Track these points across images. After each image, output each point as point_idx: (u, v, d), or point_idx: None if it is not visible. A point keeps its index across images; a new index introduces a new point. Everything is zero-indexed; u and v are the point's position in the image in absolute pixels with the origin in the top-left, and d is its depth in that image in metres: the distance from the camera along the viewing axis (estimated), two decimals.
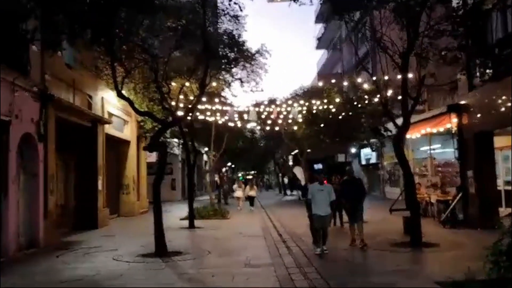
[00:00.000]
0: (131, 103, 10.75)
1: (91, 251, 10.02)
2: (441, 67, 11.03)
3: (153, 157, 24.29)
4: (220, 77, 17.68)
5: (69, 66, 8.99)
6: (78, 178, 14.97)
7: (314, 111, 14.38)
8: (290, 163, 51.05)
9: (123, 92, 12.11)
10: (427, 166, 22.51)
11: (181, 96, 16.48)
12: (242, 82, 21.49)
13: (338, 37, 38.52)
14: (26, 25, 9.63)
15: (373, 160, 29.73)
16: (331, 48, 40.17)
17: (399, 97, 13.26)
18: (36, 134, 10.62)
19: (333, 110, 14.02)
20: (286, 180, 44.92)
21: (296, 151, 40.53)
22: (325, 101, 15.75)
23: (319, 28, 45.47)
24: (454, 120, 12.87)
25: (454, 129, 12.99)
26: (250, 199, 22.84)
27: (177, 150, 31.42)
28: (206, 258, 8.99)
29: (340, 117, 13.84)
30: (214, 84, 15.99)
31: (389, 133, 13.83)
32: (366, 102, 13.71)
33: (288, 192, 43.02)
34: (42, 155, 10.97)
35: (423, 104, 16.53)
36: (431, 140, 22.28)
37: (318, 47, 44.11)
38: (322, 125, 14.09)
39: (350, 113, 13.79)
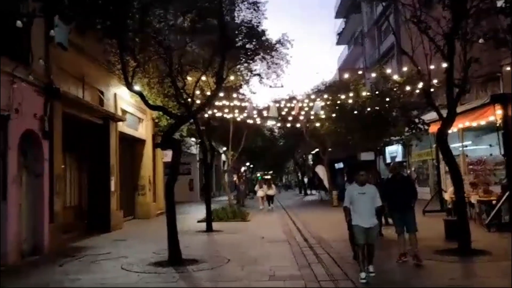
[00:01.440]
0: (142, 96, 9.83)
1: (99, 259, 9.11)
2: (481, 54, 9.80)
3: (169, 156, 23.35)
4: (238, 72, 16.72)
5: (62, 46, 8.05)
6: (90, 178, 14.17)
7: (341, 105, 13.19)
8: (310, 162, 49.93)
9: (136, 87, 11.32)
10: (458, 164, 21.02)
11: (197, 92, 15.61)
12: (261, 77, 20.61)
13: (360, 31, 37.23)
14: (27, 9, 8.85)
15: (399, 158, 28.32)
16: (353, 43, 38.85)
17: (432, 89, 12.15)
18: (40, 131, 9.78)
19: (362, 103, 12.83)
20: (306, 179, 43.69)
21: (317, 149, 39.51)
22: (351, 94, 14.58)
23: (339, 24, 44.30)
24: (499, 112, 11.58)
25: (499, 122, 11.70)
26: (269, 198, 23.27)
27: (194, 150, 30.60)
28: (225, 267, 7.97)
29: (369, 109, 12.61)
30: (232, 78, 14.97)
31: (426, 127, 12.59)
32: (399, 93, 12.50)
33: (308, 192, 41.83)
34: (47, 153, 10.13)
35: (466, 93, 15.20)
36: (463, 136, 20.93)
37: (339, 42, 42.91)
38: (350, 119, 12.87)
39: (378, 107, 12.53)
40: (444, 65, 10.95)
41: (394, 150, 30.12)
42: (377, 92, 13.04)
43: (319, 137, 23.26)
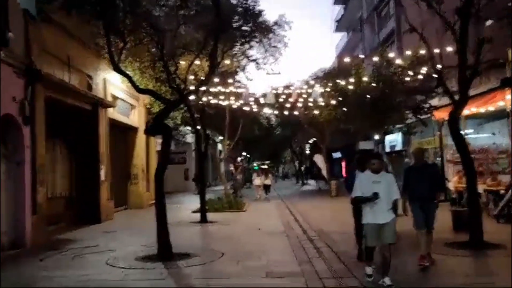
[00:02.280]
0: (129, 78, 9.13)
1: (84, 252, 8.49)
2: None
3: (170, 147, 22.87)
4: (234, 57, 16.00)
5: (29, 14, 7.34)
6: (79, 167, 13.51)
7: (341, 90, 12.50)
8: (307, 151, 49.37)
9: (127, 71, 10.62)
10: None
11: (191, 77, 14.91)
12: (258, 63, 19.90)
13: (359, 17, 36.41)
14: None
15: (399, 147, 27.73)
16: (351, 29, 38.04)
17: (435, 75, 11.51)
18: (20, 116, 9.08)
19: (363, 88, 12.15)
20: (303, 169, 43.15)
21: (314, 138, 38.88)
22: (352, 80, 13.87)
23: (337, 10, 43.43)
24: (509, 97, 10.97)
25: (509, 107, 11.09)
26: (266, 187, 23.97)
27: (190, 139, 29.93)
28: (218, 262, 7.36)
29: (368, 96, 11.91)
30: (227, 62, 14.25)
31: (432, 112, 11.94)
32: (403, 77, 11.82)
33: (305, 181, 41.30)
34: (29, 140, 9.45)
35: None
36: (465, 124, 20.33)
37: (337, 29, 42.04)
38: (351, 105, 12.18)
39: (381, 92, 11.85)
40: (449, 49, 10.42)
41: (393, 139, 29.49)
42: (378, 77, 12.35)
43: (317, 125, 22.64)
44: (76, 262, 7.69)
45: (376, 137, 32.99)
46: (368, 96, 11.99)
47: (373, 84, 12.25)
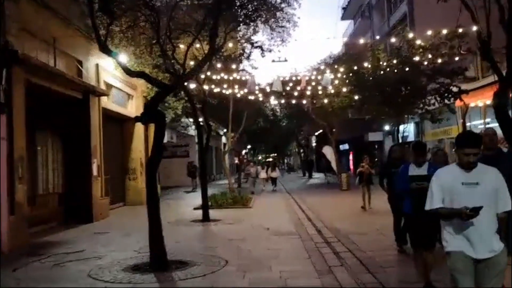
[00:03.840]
0: (115, 56, 7.92)
1: (66, 259, 7.34)
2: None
3: (164, 137, 21.71)
4: (238, 42, 14.77)
5: None
6: (68, 161, 12.35)
7: (358, 74, 11.21)
8: (313, 144, 48.14)
9: (122, 57, 9.47)
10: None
11: (191, 63, 13.72)
12: (263, 50, 18.64)
13: (367, 3, 34.99)
14: None
15: (412, 138, 26.44)
16: (359, 15, 36.59)
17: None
18: None
19: (383, 71, 10.87)
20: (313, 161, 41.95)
21: (321, 130, 37.57)
22: (366, 65, 12.55)
23: None
24: None
25: None
26: (272, 180, 24.01)
27: (193, 131, 28.73)
28: (221, 273, 6.19)
29: (391, 77, 10.62)
30: (230, 45, 13.03)
31: (461, 96, 10.66)
32: (431, 58, 10.55)
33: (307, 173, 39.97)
34: (5, 131, 8.29)
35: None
36: (486, 112, 19.03)
37: (344, 17, 40.56)
38: (369, 90, 10.90)
39: (403, 75, 10.53)
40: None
41: (405, 130, 28.24)
42: (399, 59, 11.08)
43: (326, 116, 21.38)
44: (54, 272, 6.54)
45: (387, 127, 31.86)
46: (390, 78, 10.70)
47: (392, 67, 10.96)
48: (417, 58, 10.86)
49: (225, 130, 27.97)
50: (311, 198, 17.41)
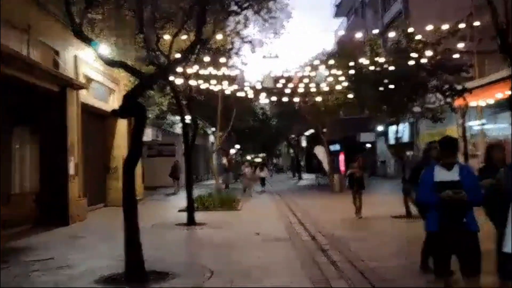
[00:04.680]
0: (92, 44, 7.11)
1: (32, 269, 6.53)
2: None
3: (148, 135, 20.84)
4: (229, 35, 14.05)
5: None
6: (43, 159, 11.47)
7: (357, 69, 10.49)
8: (303, 144, 47.51)
9: (103, 48, 8.67)
10: (477, 144, 18.80)
11: (178, 55, 12.95)
12: (253, 45, 17.93)
13: (360, 1, 34.50)
14: None
15: (405, 139, 25.86)
16: (353, 12, 36.06)
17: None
18: None
19: (382, 66, 10.17)
20: (302, 162, 41.27)
21: (312, 130, 36.88)
22: (362, 61, 11.84)
23: None
24: None
25: None
26: (261, 180, 23.71)
27: (179, 129, 27.87)
28: (205, 286, 5.43)
29: (390, 71, 9.93)
30: (219, 37, 12.26)
31: (466, 94, 10.03)
32: (433, 53, 9.90)
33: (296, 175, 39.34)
34: None
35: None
36: (482, 112, 18.52)
37: (337, 14, 40.01)
38: (368, 86, 10.19)
39: (406, 69, 9.83)
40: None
41: (399, 130, 27.66)
42: (399, 53, 10.42)
43: (319, 114, 20.73)
44: (15, 284, 5.72)
45: (380, 128, 31.34)
46: (388, 75, 10.03)
47: (391, 62, 10.29)
48: (415, 54, 10.19)
49: (213, 129, 27.20)
50: (302, 201, 16.71)
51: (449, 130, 20.72)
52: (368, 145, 36.75)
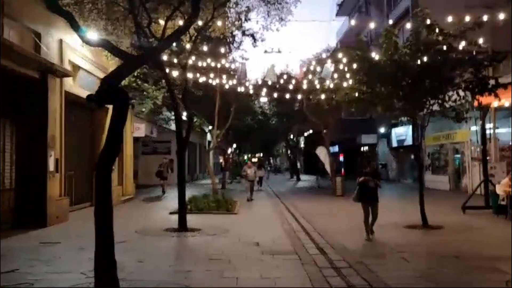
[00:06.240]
0: (70, 18, 5.95)
1: None
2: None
3: (142, 130, 19.70)
4: (232, 24, 12.92)
5: None
6: (20, 153, 10.31)
7: (371, 62, 9.35)
8: (302, 145, 46.45)
9: (92, 35, 7.51)
10: (489, 149, 17.71)
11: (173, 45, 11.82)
12: (255, 39, 16.84)
13: None
14: None
15: (409, 142, 24.82)
16: (356, 11, 34.95)
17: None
18: None
19: (402, 59, 9.04)
20: (300, 163, 40.18)
21: (310, 131, 35.75)
22: (372, 55, 10.69)
23: None
24: None
25: None
26: (259, 179, 23.09)
27: (174, 126, 26.71)
28: None
29: (414, 64, 8.78)
30: (219, 23, 11.13)
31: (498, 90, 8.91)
32: (461, 44, 8.81)
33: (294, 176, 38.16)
34: None
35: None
36: (495, 116, 17.46)
37: (339, 13, 38.87)
38: (383, 81, 9.05)
39: (430, 62, 8.68)
40: None
41: (401, 133, 26.68)
42: (418, 44, 9.31)
43: (322, 114, 19.64)
44: None
45: (382, 130, 30.26)
46: (409, 69, 8.88)
47: (412, 54, 9.18)
48: (440, 46, 9.09)
49: (210, 127, 26.07)
50: (303, 204, 15.58)
51: (460, 133, 19.70)
52: (365, 148, 35.72)
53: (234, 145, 39.01)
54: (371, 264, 6.38)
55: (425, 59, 8.87)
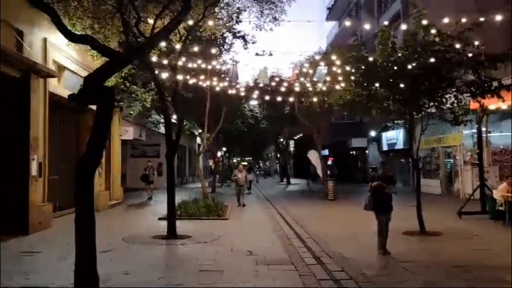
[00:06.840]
0: (53, 14, 5.54)
1: None
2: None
3: (130, 133, 19.24)
4: (222, 26, 12.56)
5: None
6: (0, 157, 9.81)
7: (367, 64, 9.04)
8: (291, 148, 46.20)
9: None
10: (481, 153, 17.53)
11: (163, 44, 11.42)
12: (246, 41, 16.51)
13: (354, 3, 33.34)
14: None
15: (400, 146, 24.68)
16: (347, 15, 34.84)
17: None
18: None
19: (400, 60, 8.76)
20: (290, 167, 39.91)
21: (301, 134, 35.47)
22: (370, 57, 10.40)
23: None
24: None
25: None
26: (248, 183, 22.43)
27: (164, 129, 26.22)
28: None
29: (411, 67, 8.48)
30: (210, 23, 10.78)
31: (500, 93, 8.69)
32: (463, 44, 8.56)
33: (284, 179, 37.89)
34: None
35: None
36: (487, 120, 17.30)
37: (329, 18, 38.76)
38: (380, 83, 8.74)
39: (429, 64, 8.42)
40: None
41: (392, 136, 26.51)
42: (415, 46, 9.06)
43: (313, 117, 19.38)
44: None
45: (372, 133, 30.08)
46: (407, 70, 8.60)
47: (409, 55, 8.91)
48: (438, 47, 8.85)
49: (200, 130, 25.67)
50: (295, 209, 15.25)
51: (452, 137, 19.55)
52: (352, 152, 35.59)
53: (224, 149, 38.63)
54: (373, 276, 6.05)
55: (422, 60, 8.59)
